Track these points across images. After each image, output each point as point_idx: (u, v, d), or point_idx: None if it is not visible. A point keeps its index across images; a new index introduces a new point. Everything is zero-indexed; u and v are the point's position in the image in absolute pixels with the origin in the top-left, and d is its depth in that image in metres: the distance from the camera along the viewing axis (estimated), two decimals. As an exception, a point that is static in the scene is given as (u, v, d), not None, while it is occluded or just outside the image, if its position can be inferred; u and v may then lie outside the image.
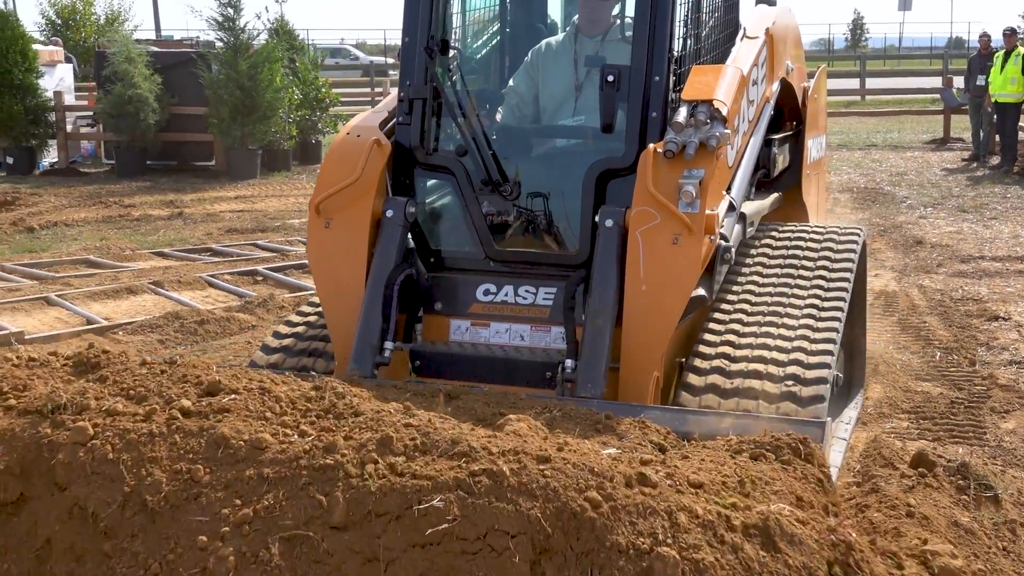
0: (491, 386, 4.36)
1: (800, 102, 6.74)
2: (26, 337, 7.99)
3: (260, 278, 10.45)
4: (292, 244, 12.39)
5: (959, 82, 22.81)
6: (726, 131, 4.64)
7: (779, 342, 4.69)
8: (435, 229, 5.20)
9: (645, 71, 4.80)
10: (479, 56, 5.99)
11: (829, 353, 4.63)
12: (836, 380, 5.35)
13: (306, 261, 11.00)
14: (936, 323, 8.47)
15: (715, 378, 4.53)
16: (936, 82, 28.89)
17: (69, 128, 20.36)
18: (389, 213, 4.89)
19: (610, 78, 4.74)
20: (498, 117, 5.50)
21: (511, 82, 5.65)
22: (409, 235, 4.99)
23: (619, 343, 4.53)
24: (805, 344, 4.67)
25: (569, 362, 4.54)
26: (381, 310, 4.71)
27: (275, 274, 10.50)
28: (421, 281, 4.95)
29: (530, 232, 5.02)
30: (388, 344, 4.72)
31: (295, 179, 18.76)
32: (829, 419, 4.14)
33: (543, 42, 5.64)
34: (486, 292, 4.89)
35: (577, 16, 5.58)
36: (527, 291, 4.85)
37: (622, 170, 4.79)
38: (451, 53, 5.17)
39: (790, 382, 4.44)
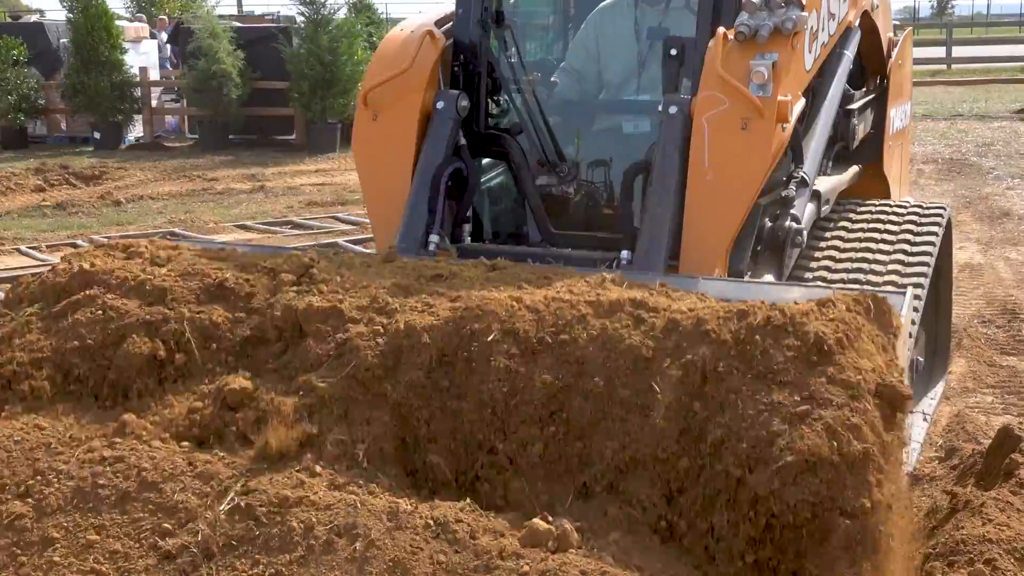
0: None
1: (884, 51, 6.38)
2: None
3: (341, 250, 10.56)
4: (372, 217, 12.49)
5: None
6: (804, 14, 4.33)
7: None
8: (488, 209, 5.07)
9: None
10: (535, 26, 5.80)
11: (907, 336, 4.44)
12: (916, 364, 5.22)
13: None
14: (1023, 296, 8.32)
15: None
16: (1025, 50, 28.21)
17: (154, 103, 20.72)
18: (440, 105, 4.64)
19: (673, 52, 4.51)
20: (554, 91, 5.31)
21: (567, 56, 5.50)
22: (460, 131, 4.72)
23: (679, 239, 4.23)
24: None
25: (625, 253, 4.28)
26: (428, 202, 4.49)
27: (355, 247, 10.61)
28: (470, 178, 4.71)
29: (588, 214, 4.86)
30: (434, 236, 4.47)
31: (374, 152, 18.86)
32: (909, 290, 3.80)
33: (598, 11, 5.41)
34: None
35: None
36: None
37: None
38: (506, 26, 4.93)
39: None
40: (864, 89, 6.25)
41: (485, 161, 5.08)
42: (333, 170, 16.76)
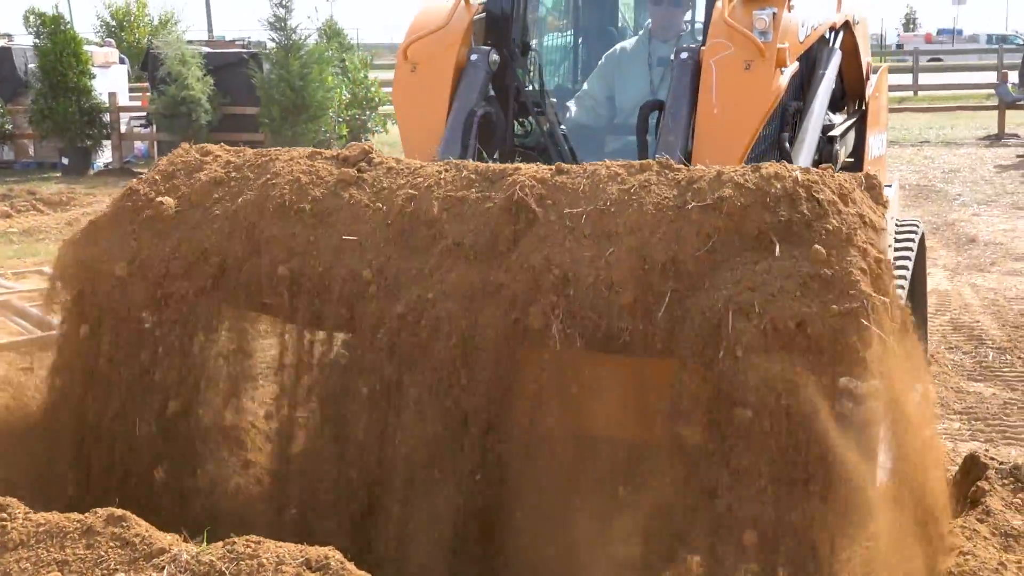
0: None
1: (864, 74, 6.79)
2: (81, 336, 8.10)
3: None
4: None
5: (1014, 77, 22.51)
6: None
7: None
8: None
9: None
10: (554, 58, 6.28)
11: None
12: None
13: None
14: (989, 322, 8.39)
15: None
16: (990, 77, 28.50)
17: (123, 129, 20.63)
18: (474, 57, 5.09)
19: (684, 55, 4.90)
20: (571, 115, 5.75)
21: (585, 85, 5.91)
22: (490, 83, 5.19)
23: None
24: None
25: None
26: (460, 140, 4.89)
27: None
28: (499, 125, 5.16)
29: None
30: None
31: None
32: (896, 181, 4.23)
33: (617, 46, 5.88)
34: None
35: (650, 21, 5.82)
36: None
37: None
38: (531, 55, 5.40)
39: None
40: (845, 114, 6.70)
41: None
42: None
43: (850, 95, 6.80)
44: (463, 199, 3.78)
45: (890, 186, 4.85)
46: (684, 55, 4.80)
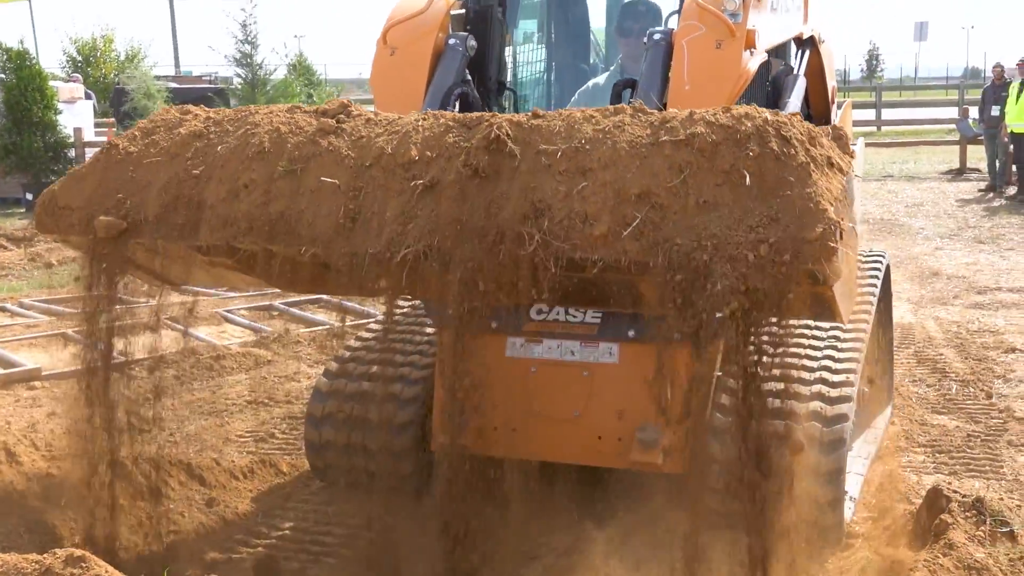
0: None
1: (830, 97, 6.94)
2: (43, 373, 8.03)
3: (276, 313, 10.49)
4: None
5: (975, 112, 22.80)
6: None
7: (805, 362, 5.07)
8: None
9: None
10: (526, 93, 6.35)
11: (853, 372, 5.00)
12: (862, 394, 5.92)
13: (322, 296, 11.05)
14: (952, 355, 8.44)
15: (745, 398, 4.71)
16: (952, 112, 28.87)
17: (88, 164, 20.52)
18: (451, 41, 5.20)
19: (657, 36, 4.99)
20: None
21: None
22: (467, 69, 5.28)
23: None
24: (830, 363, 5.06)
25: None
26: None
27: (291, 309, 10.54)
28: (475, 106, 5.23)
29: None
30: None
31: (312, 213, 18.83)
32: (861, 140, 4.33)
33: (590, 82, 5.99)
34: (539, 312, 5.12)
35: (621, 56, 5.96)
36: (576, 310, 5.08)
37: None
38: (507, 93, 5.52)
39: (815, 402, 4.79)
40: None
41: None
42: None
43: (816, 118, 6.90)
44: (441, 142, 3.86)
45: (856, 143, 4.98)
46: (657, 36, 4.92)
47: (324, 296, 11.02)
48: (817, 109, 6.87)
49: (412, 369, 5.49)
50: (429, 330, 5.84)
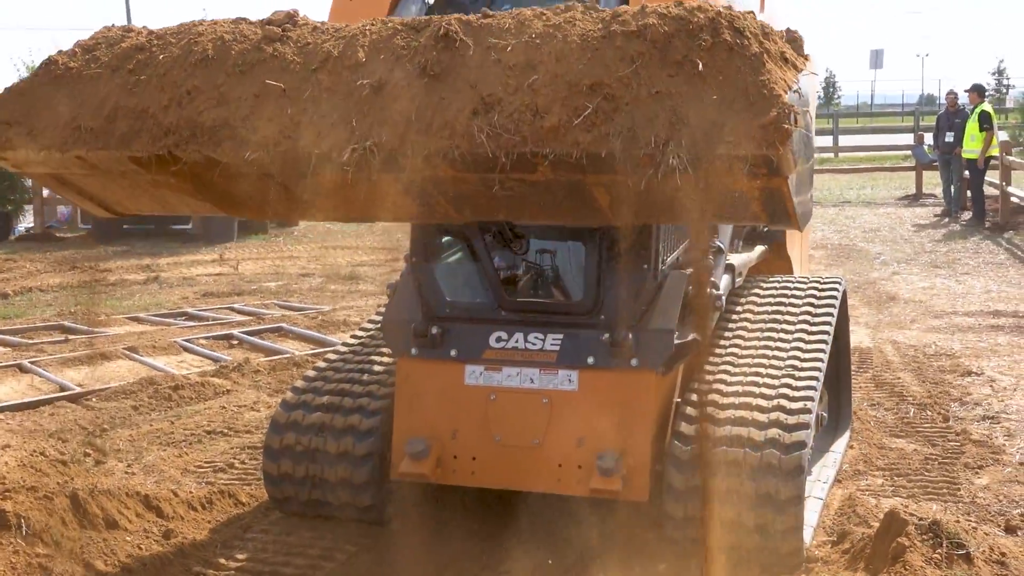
0: None
1: None
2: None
3: (235, 342, 10.43)
4: (268, 307, 12.38)
5: (930, 139, 23.12)
6: None
7: (764, 389, 5.06)
8: (450, 282, 5.41)
9: None
10: None
11: (810, 399, 4.98)
12: (821, 419, 6.15)
13: (283, 324, 11.01)
14: (910, 379, 8.51)
15: (705, 425, 4.84)
16: (908, 139, 29.24)
17: (45, 193, 20.36)
18: None
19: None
20: None
21: None
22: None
23: None
24: (788, 391, 5.04)
25: None
26: None
27: (250, 338, 10.48)
28: None
29: (538, 284, 5.27)
30: None
31: (272, 241, 18.79)
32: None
33: None
34: (498, 339, 5.13)
35: None
36: (536, 337, 5.09)
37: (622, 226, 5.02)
38: None
39: (773, 429, 4.78)
40: None
41: (445, 239, 5.46)
42: (230, 259, 16.59)
43: None
44: (390, 45, 3.75)
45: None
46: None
47: (284, 325, 10.99)
48: None
49: (371, 400, 5.45)
50: (387, 359, 5.82)
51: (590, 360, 4.95)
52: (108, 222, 18.84)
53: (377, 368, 5.81)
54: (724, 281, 5.56)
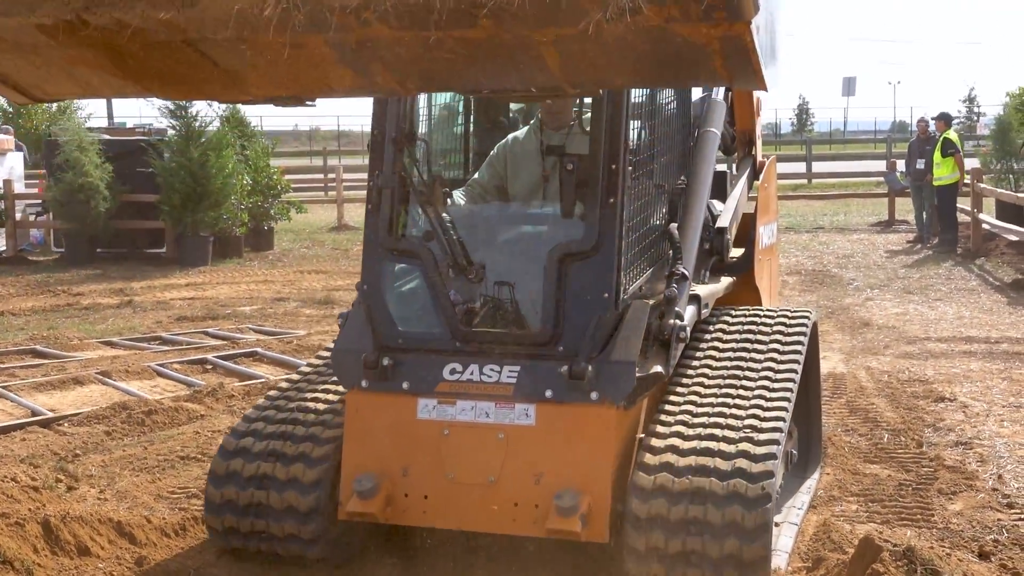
0: None
1: (755, 110, 6.96)
2: (-31, 430, 7.86)
3: (210, 367, 10.38)
4: (243, 332, 12.33)
5: (902, 165, 23.31)
6: None
7: (731, 421, 4.89)
8: (403, 312, 5.27)
9: (603, 160, 4.92)
10: (444, 147, 6.23)
11: (778, 431, 4.81)
12: (791, 456, 5.94)
13: (257, 349, 10.96)
14: (884, 405, 8.56)
15: (669, 456, 4.69)
16: (880, 165, 29.48)
17: (18, 216, 20.25)
18: None
19: (569, 167, 4.90)
20: (462, 203, 5.68)
21: (477, 174, 5.90)
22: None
23: None
24: (755, 423, 4.87)
25: None
26: None
27: (225, 363, 10.43)
28: None
29: (495, 314, 5.12)
30: None
31: (247, 266, 18.72)
32: None
33: (509, 136, 5.91)
34: (452, 371, 4.97)
35: (541, 111, 5.84)
36: (492, 369, 4.93)
37: (582, 253, 4.92)
38: (418, 144, 5.23)
39: (740, 460, 4.61)
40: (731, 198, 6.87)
41: (398, 267, 5.30)
42: (204, 284, 16.52)
43: (739, 140, 6.96)
44: None
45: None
46: None
47: (259, 349, 10.94)
48: (742, 124, 6.93)
49: (323, 428, 5.28)
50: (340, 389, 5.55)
51: (548, 393, 4.78)
52: (81, 245, 18.74)
53: (332, 397, 5.62)
54: (689, 312, 5.34)
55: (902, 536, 5.33)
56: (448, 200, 5.43)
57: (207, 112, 19.05)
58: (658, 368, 4.86)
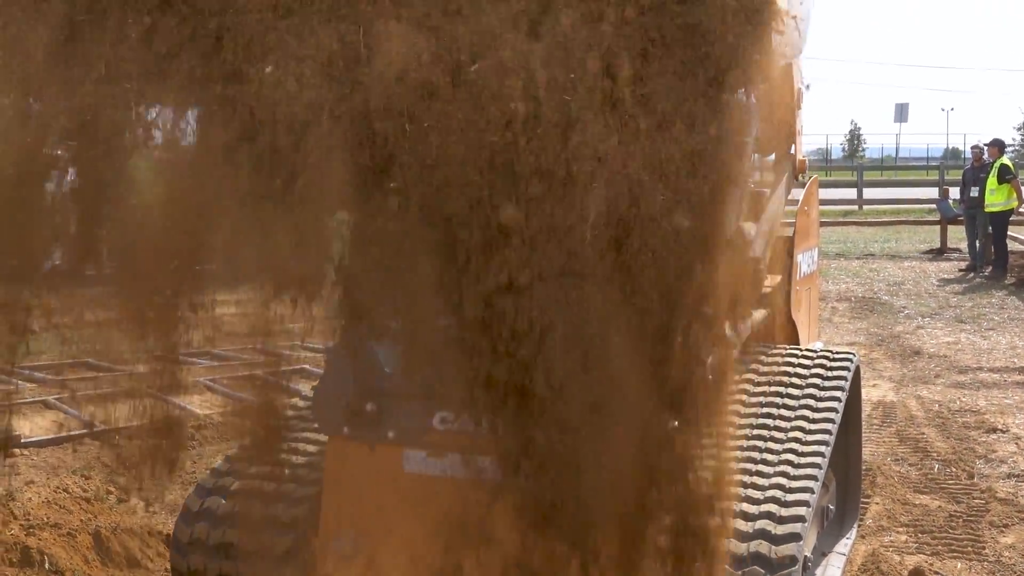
0: None
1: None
2: (23, 441, 7.97)
3: (259, 383, 10.42)
4: (292, 349, 12.38)
5: (955, 193, 23.07)
6: None
7: (755, 479, 4.38)
8: (391, 352, 4.74)
9: None
10: None
11: (809, 491, 4.30)
12: (826, 512, 5.37)
13: (305, 366, 11.02)
14: (934, 435, 8.46)
15: None
16: (932, 192, 29.20)
17: (73, 230, 20.53)
18: None
19: None
20: None
21: None
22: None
23: None
24: (783, 480, 4.37)
25: None
26: None
27: (273, 379, 10.47)
28: None
29: None
30: None
31: (296, 283, 18.83)
32: None
33: None
34: (443, 420, 4.46)
35: None
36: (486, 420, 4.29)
37: None
38: None
39: (763, 520, 4.12)
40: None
41: None
42: (253, 300, 16.64)
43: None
44: None
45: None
46: None
47: (307, 366, 11.00)
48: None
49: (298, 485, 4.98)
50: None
51: None
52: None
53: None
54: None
55: (952, 568, 5.28)
56: None
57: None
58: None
